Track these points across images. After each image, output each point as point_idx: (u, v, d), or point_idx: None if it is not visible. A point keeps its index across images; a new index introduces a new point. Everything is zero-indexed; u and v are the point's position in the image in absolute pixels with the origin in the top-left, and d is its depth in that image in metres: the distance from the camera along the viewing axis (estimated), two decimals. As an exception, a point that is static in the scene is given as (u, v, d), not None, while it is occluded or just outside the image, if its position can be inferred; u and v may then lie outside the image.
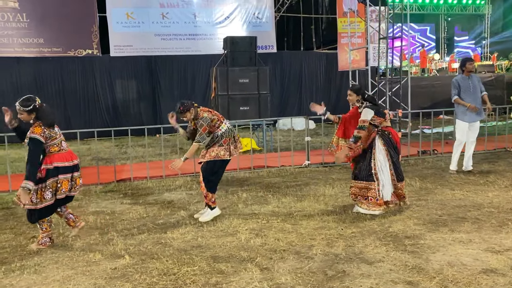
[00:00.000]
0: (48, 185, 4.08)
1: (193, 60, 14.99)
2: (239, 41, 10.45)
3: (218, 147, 4.92)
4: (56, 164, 4.11)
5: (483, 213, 4.83)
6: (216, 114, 5.06)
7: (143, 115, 14.81)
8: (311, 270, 3.50)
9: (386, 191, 4.98)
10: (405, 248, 3.87)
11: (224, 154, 4.91)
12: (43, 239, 4.28)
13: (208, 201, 5.01)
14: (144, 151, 10.14)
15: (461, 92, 6.84)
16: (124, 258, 3.88)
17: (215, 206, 5.03)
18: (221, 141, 4.93)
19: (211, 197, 5.00)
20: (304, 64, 16.80)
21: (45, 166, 4.09)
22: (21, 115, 4.13)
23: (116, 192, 6.56)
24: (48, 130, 4.09)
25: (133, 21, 14.63)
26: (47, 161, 4.10)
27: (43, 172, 4.07)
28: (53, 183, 4.10)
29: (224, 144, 4.93)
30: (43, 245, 4.27)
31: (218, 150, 4.90)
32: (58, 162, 4.12)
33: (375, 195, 4.95)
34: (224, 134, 4.96)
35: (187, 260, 3.76)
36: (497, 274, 3.29)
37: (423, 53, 20.74)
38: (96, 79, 14.44)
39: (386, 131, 5.05)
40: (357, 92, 5.12)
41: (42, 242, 4.27)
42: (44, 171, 4.07)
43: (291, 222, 4.76)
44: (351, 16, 14.09)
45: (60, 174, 4.13)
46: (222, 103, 10.00)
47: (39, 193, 4.08)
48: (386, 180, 4.98)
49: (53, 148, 4.12)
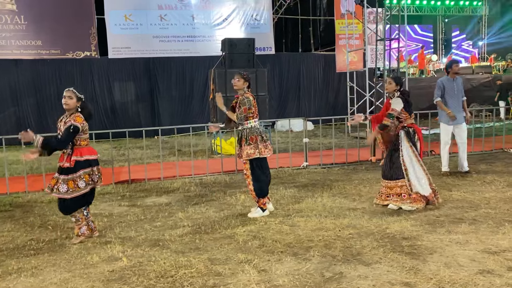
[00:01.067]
0: (79, 175, 4.28)
1: (192, 62, 15.02)
2: (237, 43, 10.48)
3: (246, 145, 4.96)
4: (86, 157, 4.34)
5: (480, 214, 4.84)
6: (256, 107, 5.06)
7: (141, 117, 14.82)
8: (308, 271, 3.51)
9: (422, 185, 5.09)
10: (402, 249, 3.88)
11: (254, 152, 4.94)
12: (81, 230, 4.44)
13: (260, 204, 5.08)
14: (142, 153, 10.15)
15: (445, 94, 6.92)
16: (121, 260, 3.88)
17: (266, 208, 5.10)
18: (248, 138, 4.97)
19: (263, 201, 5.08)
20: (302, 66, 16.84)
21: (75, 158, 4.28)
22: (70, 99, 4.31)
23: (114, 194, 6.56)
24: (85, 123, 4.36)
25: (131, 23, 14.66)
26: (77, 153, 4.30)
27: (73, 163, 4.26)
28: (85, 174, 4.31)
29: (252, 143, 4.96)
30: (83, 235, 4.44)
31: (248, 149, 4.96)
32: (87, 155, 4.35)
33: (407, 190, 5.09)
34: (252, 131, 4.97)
35: (184, 263, 3.77)
36: (493, 275, 3.30)
37: (421, 54, 20.79)
38: (95, 81, 14.46)
39: (411, 127, 5.20)
40: (396, 81, 5.21)
41: (81, 232, 4.44)
42: (74, 162, 4.26)
43: (289, 223, 4.77)
44: (348, 18, 14.13)
45: (91, 166, 4.37)
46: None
47: (70, 183, 4.25)
48: (419, 173, 5.11)
49: (83, 141, 4.36)
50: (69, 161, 4.25)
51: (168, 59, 14.89)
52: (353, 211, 5.13)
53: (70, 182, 4.24)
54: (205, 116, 14.07)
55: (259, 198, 5.08)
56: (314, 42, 19.22)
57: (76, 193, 4.26)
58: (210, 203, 5.83)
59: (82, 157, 4.30)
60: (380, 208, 5.22)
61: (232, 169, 7.75)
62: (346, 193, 6.06)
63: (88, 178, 4.33)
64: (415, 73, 20.13)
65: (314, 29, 19.21)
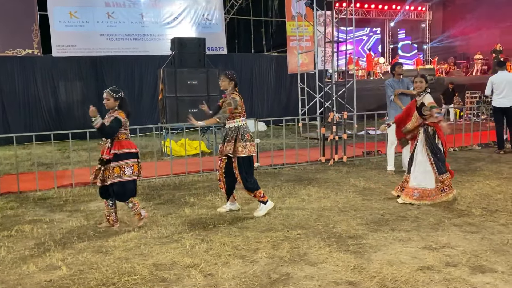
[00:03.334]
0: (121, 165, 4.61)
1: (141, 61, 14.64)
2: (187, 42, 10.31)
3: (245, 142, 4.96)
4: (125, 150, 4.66)
5: (422, 212, 5.02)
6: (243, 107, 5.07)
7: (87, 118, 14.15)
8: (255, 274, 3.48)
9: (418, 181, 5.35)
10: (348, 248, 3.94)
11: (250, 149, 4.99)
12: (142, 213, 4.80)
13: (258, 198, 5.07)
14: (88, 155, 9.78)
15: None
16: (60, 269, 3.69)
17: (266, 199, 5.10)
18: (245, 135, 4.99)
19: (259, 193, 5.06)
20: (255, 67, 16.87)
21: (114, 151, 4.62)
22: (107, 100, 4.74)
23: (56, 199, 6.25)
24: (126, 119, 4.71)
25: (77, 20, 14.07)
26: (116, 146, 4.64)
27: (111, 156, 4.61)
28: (127, 164, 4.64)
29: (249, 139, 5.00)
30: (145, 217, 4.82)
31: (249, 146, 4.98)
32: (126, 148, 4.67)
33: (407, 185, 5.45)
34: (245, 130, 5.02)
35: (128, 269, 3.63)
36: (432, 271, 3.42)
37: (369, 56, 21.43)
38: (37, 80, 13.74)
39: (430, 126, 5.42)
40: (426, 80, 5.53)
41: (142, 216, 4.80)
42: (113, 155, 4.60)
43: (238, 225, 4.73)
44: (299, 20, 14.31)
45: (131, 158, 4.69)
46: (170, 105, 9.83)
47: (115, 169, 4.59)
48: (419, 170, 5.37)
49: (122, 135, 4.70)
50: (109, 153, 4.64)
51: (116, 58, 14.42)
52: (301, 211, 5.17)
53: (116, 168, 4.60)
54: (155, 116, 13.75)
55: (255, 192, 5.07)
56: (266, 43, 19.33)
57: (122, 178, 4.60)
58: (157, 206, 5.68)
59: (120, 150, 4.62)
60: (328, 208, 5.30)
61: (182, 171, 7.61)
62: (295, 193, 6.11)
63: (137, 168, 4.72)
64: (363, 75, 20.74)
65: (266, 31, 19.32)
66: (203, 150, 9.19)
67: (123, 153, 4.64)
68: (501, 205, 5.17)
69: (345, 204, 5.46)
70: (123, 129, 4.70)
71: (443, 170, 5.36)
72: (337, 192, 6.10)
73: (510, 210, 4.94)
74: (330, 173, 7.49)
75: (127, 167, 4.64)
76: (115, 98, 4.74)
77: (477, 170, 7.24)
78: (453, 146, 9.24)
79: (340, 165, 8.12)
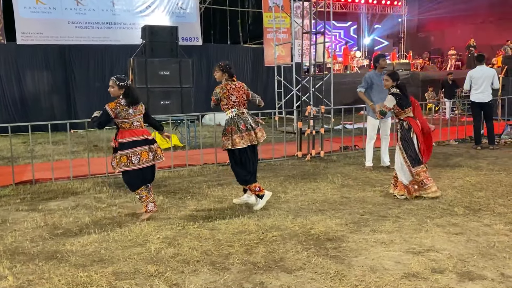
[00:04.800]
0: (127, 154, 4.51)
1: (112, 50, 14.03)
2: (158, 31, 9.85)
3: (223, 136, 4.90)
4: (128, 139, 4.54)
5: (403, 211, 4.79)
6: (229, 99, 4.89)
7: (55, 109, 13.58)
8: (226, 283, 3.16)
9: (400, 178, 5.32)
10: (327, 253, 3.66)
11: (225, 144, 4.86)
12: (148, 206, 4.65)
13: (254, 192, 4.92)
14: (54, 148, 9.25)
15: (371, 88, 6.95)
16: (6, 279, 3.27)
17: (263, 193, 4.93)
18: (225, 130, 4.88)
19: (254, 187, 4.91)
20: (231, 58, 16.39)
21: (118, 140, 4.56)
22: (112, 88, 4.62)
23: (12, 197, 5.76)
24: (123, 108, 4.53)
25: (43, 7, 13.37)
26: (120, 135, 4.58)
27: (116, 144, 4.57)
28: (134, 153, 4.52)
29: (227, 134, 4.85)
30: (151, 211, 4.66)
31: (223, 140, 4.89)
32: (130, 137, 4.54)
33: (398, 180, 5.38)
34: (228, 122, 4.88)
35: (84, 279, 3.25)
36: (418, 278, 3.16)
37: (345, 50, 21.28)
38: (1, 69, 13.00)
39: (405, 121, 5.37)
40: (392, 77, 5.44)
41: (149, 209, 4.65)
42: (117, 143, 4.56)
43: (209, 227, 4.39)
44: (276, 11, 13.95)
45: (137, 146, 4.55)
46: (141, 96, 9.35)
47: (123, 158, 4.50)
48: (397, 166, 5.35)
49: (124, 124, 4.58)
50: (115, 142, 4.61)
51: (85, 47, 13.77)
52: (277, 210, 4.87)
53: (123, 157, 4.51)
54: (126, 108, 13.22)
55: (248, 186, 4.96)
56: (243, 34, 18.92)
57: (127, 167, 4.51)
58: (123, 205, 5.28)
59: (124, 139, 4.53)
60: (306, 207, 5.01)
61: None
62: (271, 190, 5.75)
63: (147, 155, 4.57)
64: (340, 68, 20.58)
65: (242, 22, 18.90)
66: (175, 144, 8.79)
67: (127, 142, 4.55)
68: (484, 203, 4.99)
69: (323, 202, 5.19)
70: (123, 118, 4.55)
71: (416, 164, 5.28)
72: (315, 189, 5.82)
73: (493, 209, 4.76)
74: (307, 169, 7.21)
75: (134, 155, 4.54)
76: (120, 86, 4.61)
77: (456, 166, 7.09)
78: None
79: (318, 161, 7.87)
